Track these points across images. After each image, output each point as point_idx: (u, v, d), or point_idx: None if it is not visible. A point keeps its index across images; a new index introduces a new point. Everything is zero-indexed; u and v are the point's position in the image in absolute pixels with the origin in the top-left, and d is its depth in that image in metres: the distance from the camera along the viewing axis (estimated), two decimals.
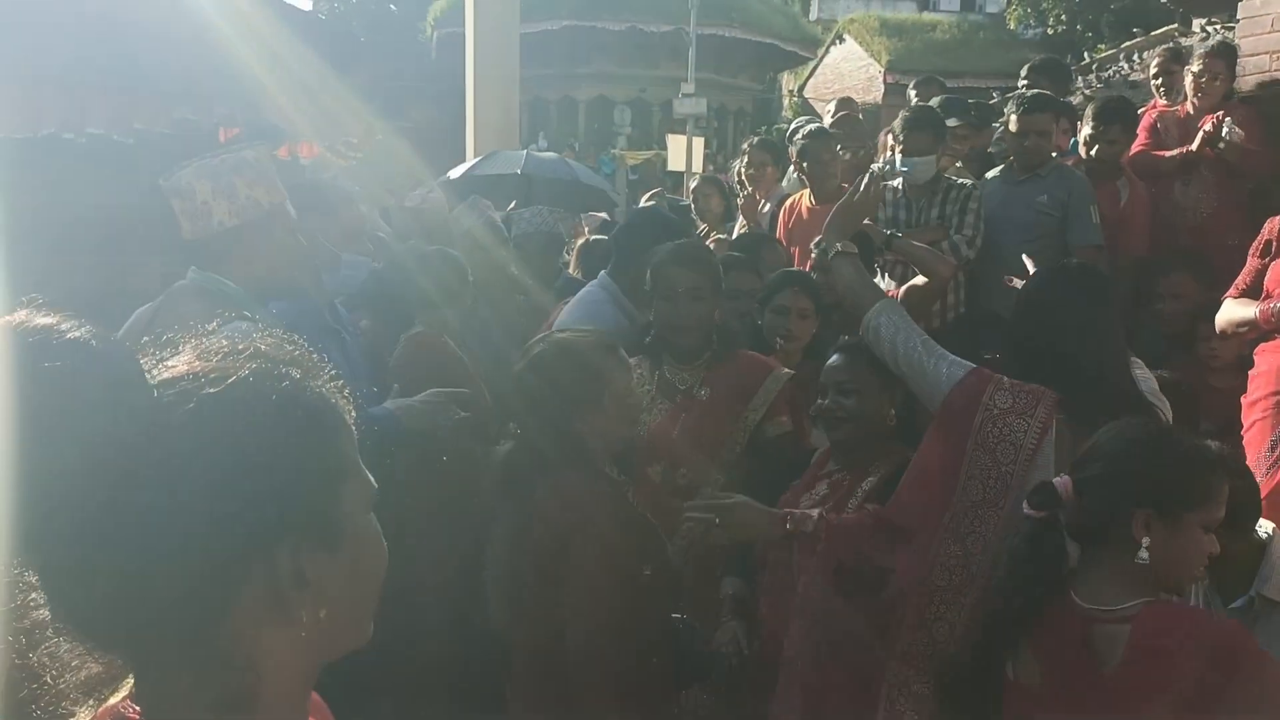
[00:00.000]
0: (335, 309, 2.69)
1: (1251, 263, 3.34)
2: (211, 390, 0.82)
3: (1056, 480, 1.86)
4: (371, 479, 0.94)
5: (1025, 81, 4.40)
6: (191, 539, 0.79)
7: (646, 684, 2.12)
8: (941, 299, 4.06)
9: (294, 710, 0.90)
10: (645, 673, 2.11)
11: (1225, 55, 4.44)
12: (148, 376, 0.83)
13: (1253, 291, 3.28)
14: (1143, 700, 1.71)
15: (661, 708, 2.22)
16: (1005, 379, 2.21)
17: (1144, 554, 1.76)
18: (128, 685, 0.84)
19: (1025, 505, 1.88)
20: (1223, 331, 3.37)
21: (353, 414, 0.94)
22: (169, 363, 0.86)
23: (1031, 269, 3.00)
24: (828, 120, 6.03)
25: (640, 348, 2.88)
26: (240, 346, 0.87)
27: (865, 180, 2.68)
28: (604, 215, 7.67)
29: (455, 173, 7.95)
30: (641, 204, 6.94)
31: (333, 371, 0.94)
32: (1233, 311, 3.29)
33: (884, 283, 4.05)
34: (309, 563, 0.85)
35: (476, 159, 9.15)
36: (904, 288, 3.69)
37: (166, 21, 4.98)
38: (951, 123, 4.87)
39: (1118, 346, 2.35)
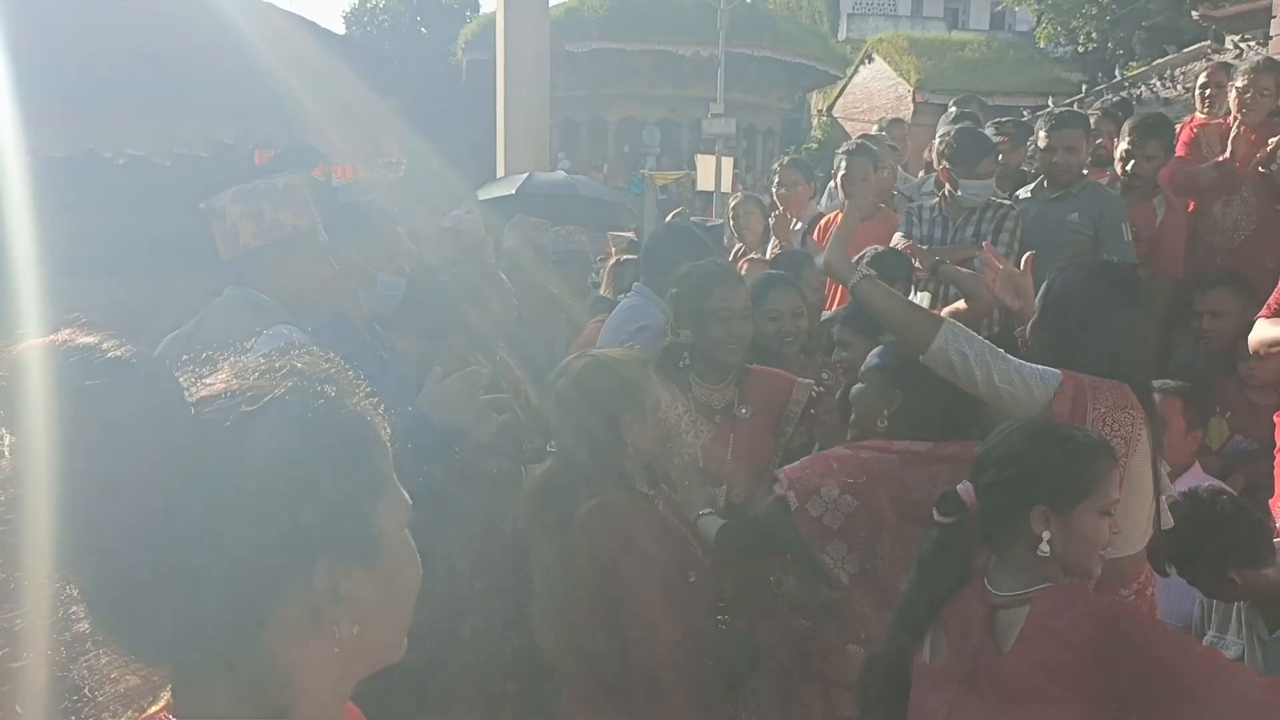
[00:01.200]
0: (374, 329, 2.70)
1: None
2: (248, 408, 0.83)
3: (960, 487, 1.93)
4: (407, 497, 0.94)
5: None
6: (230, 554, 0.80)
7: (704, 687, 2.15)
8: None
9: None
10: (703, 676, 2.14)
11: (1273, 71, 4.38)
12: (186, 395, 0.84)
13: None
14: (1035, 678, 1.79)
15: (718, 709, 2.25)
16: (1089, 378, 2.25)
17: (1045, 547, 1.84)
18: (165, 696, 0.85)
19: (935, 513, 1.96)
20: (1255, 351, 3.33)
21: (389, 431, 0.94)
22: (207, 381, 0.87)
23: None
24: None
25: (673, 371, 2.89)
26: (277, 364, 0.88)
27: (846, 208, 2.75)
28: (630, 234, 7.70)
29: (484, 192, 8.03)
30: (667, 222, 6.96)
31: (368, 388, 0.94)
32: (1266, 331, 3.25)
33: (919, 299, 4.03)
34: (344, 578, 0.85)
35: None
36: (947, 309, 3.68)
37: (206, 43, 5.06)
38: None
39: (1148, 344, 2.47)
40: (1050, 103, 11.85)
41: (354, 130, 5.90)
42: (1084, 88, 16.74)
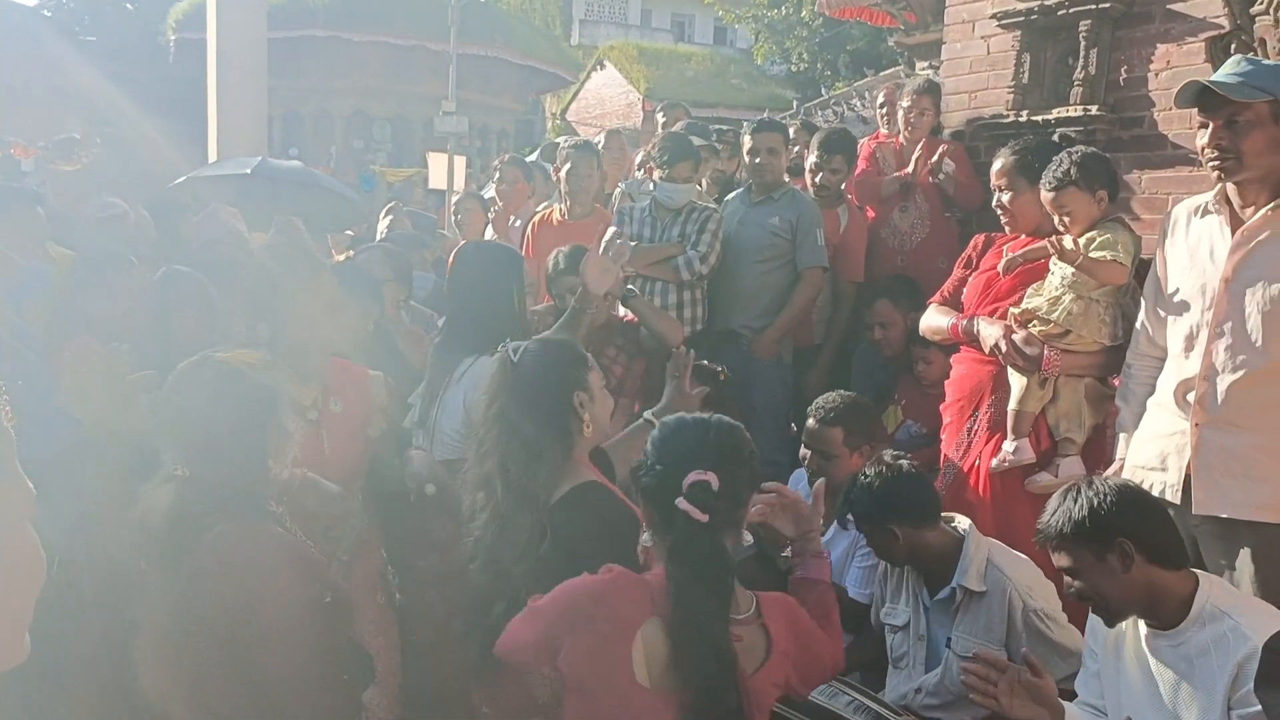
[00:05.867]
0: (12, 321, 2.47)
1: (956, 273, 3.67)
2: None
3: (706, 475, 1.87)
4: (30, 486, 0.89)
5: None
6: None
7: (340, 700, 2.08)
8: (680, 313, 4.23)
9: None
10: (343, 693, 2.08)
11: (932, 92, 4.86)
12: None
13: (953, 300, 3.60)
14: (775, 690, 1.90)
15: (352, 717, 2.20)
16: None
17: (747, 536, 1.95)
18: None
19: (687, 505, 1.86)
20: (924, 334, 3.67)
21: (13, 420, 0.90)
22: None
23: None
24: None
25: None
26: None
27: None
28: (351, 233, 7.45)
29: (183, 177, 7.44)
30: (380, 219, 6.76)
31: None
32: (933, 319, 3.59)
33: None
34: None
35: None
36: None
37: None
38: (696, 142, 5.07)
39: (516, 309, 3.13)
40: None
41: (37, 109, 5.38)
42: (796, 104, 17.87)
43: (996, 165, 3.46)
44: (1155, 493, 2.75)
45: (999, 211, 3.46)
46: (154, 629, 1.99)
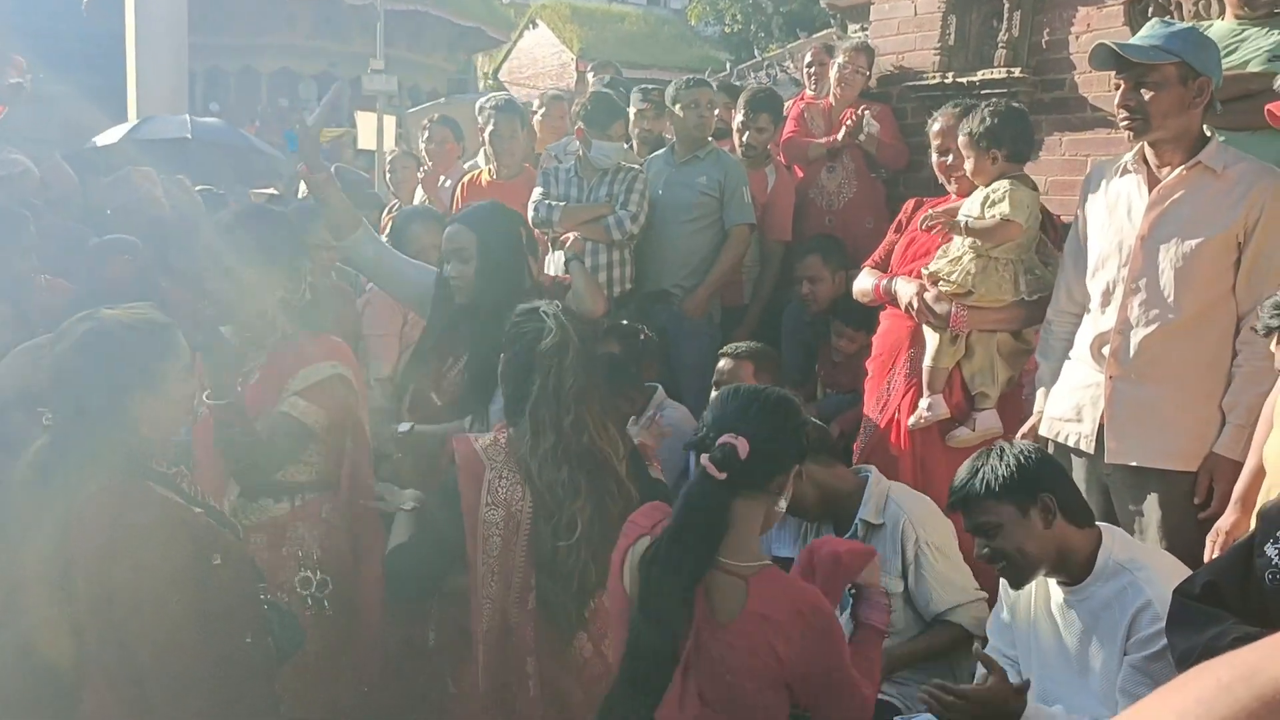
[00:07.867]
0: None
1: (889, 237, 3.69)
2: None
3: (736, 440, 1.94)
4: None
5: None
6: None
7: (245, 666, 2.04)
8: (609, 274, 4.22)
9: None
10: (241, 656, 2.03)
11: (866, 52, 4.87)
12: None
13: (885, 264, 3.63)
14: (749, 654, 1.94)
15: (264, 685, 2.14)
16: None
17: (782, 504, 1.98)
18: None
19: (710, 466, 1.95)
20: (855, 296, 3.70)
21: None
22: None
23: None
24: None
25: None
26: None
27: None
28: (271, 190, 7.27)
29: (112, 135, 7.19)
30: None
31: None
32: (862, 281, 3.63)
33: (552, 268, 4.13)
34: None
35: (132, 124, 8.35)
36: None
37: None
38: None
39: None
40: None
41: None
42: (729, 65, 17.83)
43: (936, 126, 3.46)
44: (1070, 443, 2.84)
45: (942, 173, 3.47)
46: (37, 582, 1.95)
